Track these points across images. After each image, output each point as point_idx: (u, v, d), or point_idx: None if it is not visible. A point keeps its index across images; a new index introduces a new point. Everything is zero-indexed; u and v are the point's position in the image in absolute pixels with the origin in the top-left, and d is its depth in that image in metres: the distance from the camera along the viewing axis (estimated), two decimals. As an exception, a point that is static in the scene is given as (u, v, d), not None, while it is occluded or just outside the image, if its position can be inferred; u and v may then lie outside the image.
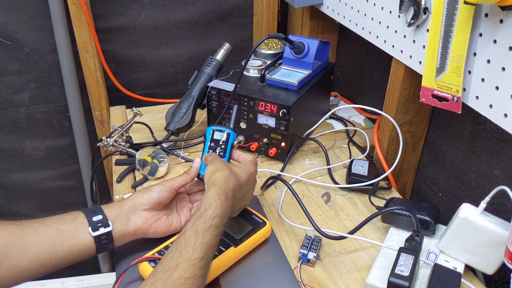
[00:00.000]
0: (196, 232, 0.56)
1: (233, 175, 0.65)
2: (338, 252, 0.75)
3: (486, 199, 0.65)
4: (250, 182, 0.71)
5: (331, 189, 0.91)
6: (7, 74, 1.21)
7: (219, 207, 0.59)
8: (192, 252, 0.53)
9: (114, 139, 0.93)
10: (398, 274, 0.62)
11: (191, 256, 0.53)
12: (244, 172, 0.69)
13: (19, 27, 1.16)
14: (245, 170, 0.70)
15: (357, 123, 1.15)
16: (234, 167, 0.69)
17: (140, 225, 0.67)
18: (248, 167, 0.71)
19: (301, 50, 0.99)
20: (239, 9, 1.32)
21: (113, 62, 1.27)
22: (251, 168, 0.72)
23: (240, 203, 0.70)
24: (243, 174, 0.68)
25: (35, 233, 0.60)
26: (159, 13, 1.25)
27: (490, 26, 0.61)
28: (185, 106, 1.00)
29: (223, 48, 1.06)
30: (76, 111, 1.27)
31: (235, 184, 0.65)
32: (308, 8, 1.21)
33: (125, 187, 0.90)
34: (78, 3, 1.10)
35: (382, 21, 0.87)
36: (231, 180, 0.64)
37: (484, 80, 0.64)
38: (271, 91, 0.95)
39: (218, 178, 0.63)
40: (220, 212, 0.59)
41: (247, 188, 0.70)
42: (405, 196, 1.02)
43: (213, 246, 0.57)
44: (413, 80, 0.85)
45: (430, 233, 0.75)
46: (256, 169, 0.74)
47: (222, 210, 0.59)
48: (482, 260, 0.67)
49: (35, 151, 1.34)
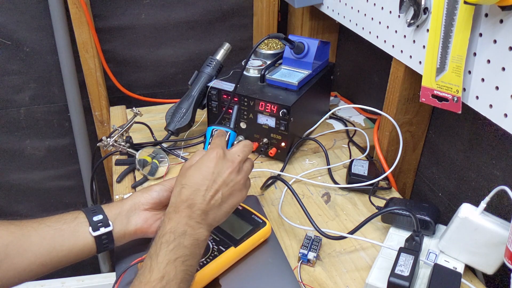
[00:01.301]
0: (150, 255, 0.55)
1: (183, 186, 0.60)
2: (338, 252, 0.75)
3: (486, 199, 0.65)
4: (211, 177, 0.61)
5: (331, 189, 0.91)
6: (7, 74, 1.21)
7: (168, 223, 0.57)
8: (149, 275, 0.52)
9: (114, 139, 0.93)
10: (398, 274, 0.62)
11: (149, 279, 0.52)
12: (197, 172, 0.62)
13: (19, 27, 1.16)
14: (197, 169, 0.62)
15: (357, 123, 1.15)
16: (189, 172, 0.62)
17: (140, 225, 0.67)
18: (202, 162, 0.63)
19: (301, 50, 0.99)
20: (239, 9, 1.32)
21: (113, 62, 1.27)
22: (207, 160, 0.62)
23: (223, 203, 0.62)
24: (196, 175, 0.61)
25: (36, 233, 0.60)
26: (159, 13, 1.25)
27: (490, 26, 0.61)
28: (185, 106, 1.00)
29: (223, 48, 1.06)
30: (76, 111, 1.27)
31: (189, 193, 0.60)
32: (308, 8, 1.21)
33: (125, 187, 0.90)
34: (78, 3, 1.10)
35: (382, 21, 0.87)
36: (183, 193, 0.60)
37: (484, 80, 0.64)
38: (271, 91, 0.95)
39: (171, 200, 0.61)
40: (169, 228, 0.56)
41: (210, 184, 0.61)
42: (405, 196, 1.02)
43: (174, 260, 0.54)
44: (413, 80, 0.85)
45: (430, 233, 0.75)
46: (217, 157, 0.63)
47: (172, 225, 0.57)
48: (482, 260, 0.67)
49: (35, 151, 1.34)
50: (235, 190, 0.64)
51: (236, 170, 0.64)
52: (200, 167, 0.62)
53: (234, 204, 0.64)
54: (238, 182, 0.64)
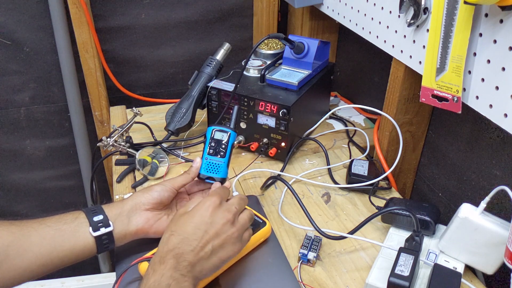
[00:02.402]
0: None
1: (172, 233, 0.58)
2: (338, 252, 0.75)
3: (486, 199, 0.65)
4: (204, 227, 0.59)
5: (331, 189, 0.91)
6: (7, 74, 1.21)
7: (151, 275, 0.54)
8: None
9: (114, 139, 0.93)
10: (398, 274, 0.62)
11: None
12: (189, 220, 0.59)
13: (19, 27, 1.16)
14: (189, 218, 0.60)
15: (357, 123, 1.15)
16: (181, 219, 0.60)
17: (141, 225, 0.67)
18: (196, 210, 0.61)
19: (301, 50, 0.99)
20: (239, 9, 1.32)
21: (113, 62, 1.27)
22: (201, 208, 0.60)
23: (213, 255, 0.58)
24: (187, 224, 0.59)
25: (36, 234, 0.60)
26: (159, 13, 1.25)
27: (490, 26, 0.61)
28: (185, 106, 1.00)
29: (223, 48, 1.06)
30: (76, 111, 1.27)
31: (177, 240, 0.57)
32: (308, 8, 1.21)
33: (125, 187, 0.90)
34: (78, 3, 1.10)
35: (382, 21, 0.87)
36: (171, 241, 0.57)
37: (484, 80, 0.64)
38: (271, 91, 0.95)
39: (159, 247, 0.58)
40: (153, 281, 0.53)
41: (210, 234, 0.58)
42: (405, 196, 1.02)
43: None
44: (413, 80, 0.85)
45: (430, 233, 0.75)
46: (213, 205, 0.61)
47: (156, 277, 0.53)
48: (482, 260, 0.67)
49: (35, 151, 1.34)
50: (227, 243, 0.60)
51: (231, 221, 0.61)
52: (194, 215, 0.60)
53: (224, 258, 0.60)
54: (231, 234, 0.60)
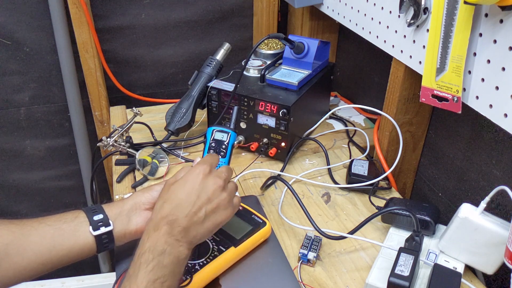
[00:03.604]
0: (129, 277, 0.53)
1: (165, 201, 0.59)
2: (338, 252, 0.75)
3: (486, 199, 0.65)
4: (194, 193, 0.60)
5: (331, 189, 0.91)
6: (7, 74, 1.21)
7: (147, 241, 0.55)
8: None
9: (114, 139, 0.93)
10: (398, 274, 0.62)
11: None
12: (180, 188, 0.60)
13: (19, 27, 1.16)
14: (180, 186, 0.61)
15: (357, 123, 1.15)
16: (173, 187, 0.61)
17: (141, 224, 0.66)
18: (185, 178, 0.62)
19: (301, 50, 0.99)
20: (239, 9, 1.32)
21: (113, 62, 1.27)
22: (190, 176, 0.61)
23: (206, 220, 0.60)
24: (179, 191, 0.60)
25: (36, 232, 0.60)
26: (159, 13, 1.25)
27: (490, 26, 0.61)
28: (185, 106, 1.00)
29: (223, 48, 1.06)
30: (76, 111, 1.27)
31: (169, 209, 0.58)
32: (308, 8, 1.21)
33: (125, 187, 0.90)
34: (78, 3, 1.10)
35: (382, 21, 0.87)
36: (164, 209, 0.58)
37: (484, 80, 0.64)
38: (271, 91, 0.95)
39: (152, 214, 0.60)
40: (148, 246, 0.55)
41: (193, 202, 0.59)
42: (405, 196, 1.02)
43: (153, 282, 0.52)
44: (413, 80, 0.85)
45: (430, 233, 0.75)
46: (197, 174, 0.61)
47: (151, 243, 0.55)
48: (482, 260, 0.67)
49: (35, 151, 1.34)
50: (220, 207, 0.61)
51: (222, 186, 0.62)
52: (185, 182, 0.61)
53: (217, 222, 0.61)
54: (223, 199, 0.62)
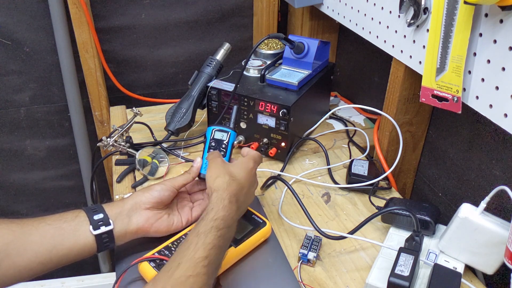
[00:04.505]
0: (198, 233, 0.56)
1: (233, 179, 0.66)
2: (338, 252, 0.75)
3: (486, 199, 0.65)
4: (251, 179, 0.71)
5: (331, 189, 0.91)
6: (7, 74, 1.21)
7: (221, 210, 0.60)
8: (194, 252, 0.54)
9: (114, 139, 0.93)
10: (398, 274, 0.62)
11: (193, 255, 0.53)
12: (244, 172, 0.69)
13: (19, 27, 1.16)
14: (243, 169, 0.70)
15: (357, 123, 1.15)
16: (233, 169, 0.69)
17: (142, 224, 0.67)
18: (245, 164, 0.71)
19: (301, 50, 0.99)
20: (239, 9, 1.32)
21: (113, 62, 1.27)
22: (249, 164, 0.71)
23: (245, 203, 0.70)
24: (242, 174, 0.68)
25: (36, 232, 0.60)
26: (159, 13, 1.25)
27: (490, 26, 0.61)
28: (185, 106, 1.00)
29: (223, 48, 1.06)
30: (76, 111, 1.27)
31: (237, 188, 0.65)
32: (308, 8, 1.21)
33: (125, 187, 0.90)
34: (78, 3, 1.10)
35: (382, 21, 0.87)
36: (233, 185, 0.65)
37: (484, 80, 0.64)
38: (271, 91, 0.95)
39: (220, 185, 0.64)
40: (222, 215, 0.59)
41: (249, 186, 0.70)
42: (405, 196, 1.02)
43: (217, 247, 0.57)
44: (413, 80, 0.85)
45: (430, 233, 0.75)
46: (254, 164, 0.73)
47: (225, 213, 0.60)
48: (482, 260, 0.67)
49: (35, 151, 1.34)
50: (253, 191, 0.74)
51: (257, 183, 0.75)
52: (245, 166, 0.70)
53: (249, 203, 0.73)
54: (254, 183, 0.74)
